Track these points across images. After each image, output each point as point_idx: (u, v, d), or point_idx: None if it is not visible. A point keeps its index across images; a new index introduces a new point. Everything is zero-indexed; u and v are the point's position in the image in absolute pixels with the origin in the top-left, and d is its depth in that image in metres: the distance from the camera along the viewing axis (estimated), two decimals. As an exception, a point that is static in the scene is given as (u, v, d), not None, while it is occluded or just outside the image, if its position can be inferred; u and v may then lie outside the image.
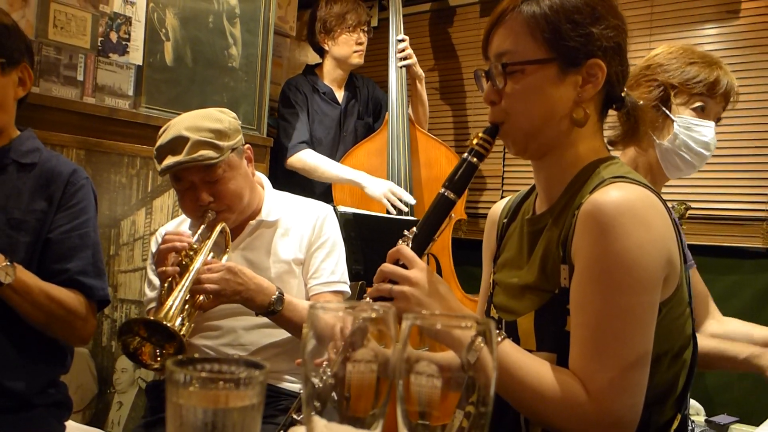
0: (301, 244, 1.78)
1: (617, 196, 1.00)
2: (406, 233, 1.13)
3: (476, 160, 1.12)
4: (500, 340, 1.03)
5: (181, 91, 2.54)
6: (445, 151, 3.16)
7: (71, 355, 1.66)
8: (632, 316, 0.98)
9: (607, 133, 1.26)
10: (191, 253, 1.57)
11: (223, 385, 0.55)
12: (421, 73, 3.19)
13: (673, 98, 1.66)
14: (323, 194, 3.00)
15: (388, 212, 2.87)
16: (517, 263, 1.20)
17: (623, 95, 1.16)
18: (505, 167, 3.55)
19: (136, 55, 2.40)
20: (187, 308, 1.51)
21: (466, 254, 3.05)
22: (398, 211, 2.88)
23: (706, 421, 2.25)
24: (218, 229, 1.66)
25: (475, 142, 1.13)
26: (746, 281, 2.86)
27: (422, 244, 1.11)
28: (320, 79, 3.20)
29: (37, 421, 1.53)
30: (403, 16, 3.27)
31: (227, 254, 1.70)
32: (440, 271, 2.97)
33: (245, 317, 1.71)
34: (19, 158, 1.57)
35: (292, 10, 3.62)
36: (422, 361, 0.63)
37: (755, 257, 2.85)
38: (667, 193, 1.60)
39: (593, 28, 1.08)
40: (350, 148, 3.15)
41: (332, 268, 1.79)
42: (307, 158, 2.97)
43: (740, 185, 2.88)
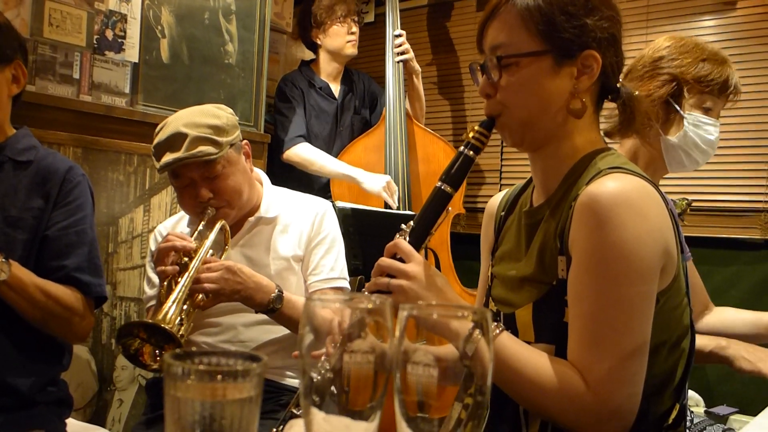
0: (300, 240, 1.78)
1: (614, 186, 1.00)
2: (403, 227, 1.13)
3: (472, 153, 1.13)
4: (498, 332, 1.04)
5: (177, 88, 2.53)
6: (443, 145, 3.16)
7: (70, 353, 1.66)
8: (630, 306, 0.98)
9: (602, 126, 1.25)
10: (191, 252, 1.57)
11: (220, 377, 0.55)
12: (417, 68, 3.19)
13: (686, 94, 1.61)
14: (321, 190, 2.99)
15: (386, 207, 2.87)
16: (515, 256, 1.20)
17: (619, 86, 1.16)
18: (503, 161, 3.55)
19: (132, 52, 2.39)
20: (185, 308, 1.50)
21: (464, 249, 3.05)
22: (398, 205, 2.88)
23: (705, 412, 2.25)
24: (218, 226, 1.66)
25: (471, 135, 1.13)
26: (744, 272, 2.86)
27: (419, 237, 1.12)
28: (316, 74, 3.19)
29: (38, 419, 1.53)
30: (400, 11, 3.26)
31: (227, 251, 1.70)
32: (439, 265, 2.97)
33: (245, 314, 1.71)
34: (15, 156, 1.57)
35: (288, 6, 3.61)
36: (419, 351, 0.63)
37: (753, 248, 2.85)
38: (664, 185, 1.59)
39: (587, 19, 1.07)
40: (347, 142, 3.15)
41: (332, 264, 1.79)
42: (303, 152, 2.96)
43: (738, 177, 2.89)
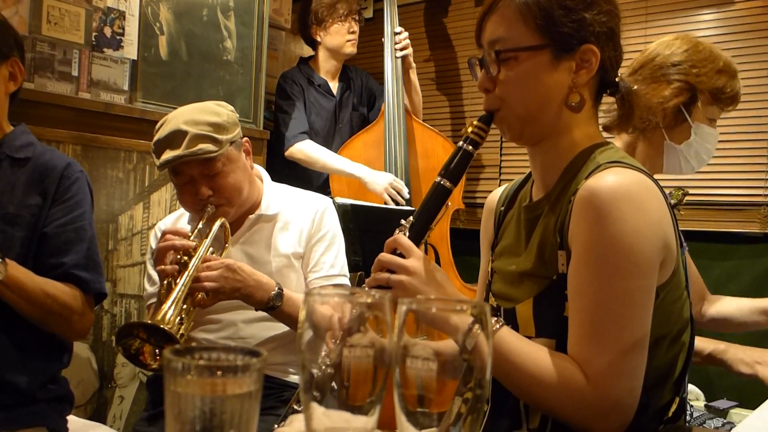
0: (300, 237, 1.78)
1: (613, 180, 1.00)
2: (402, 222, 1.13)
3: (471, 148, 1.13)
4: (498, 327, 1.04)
5: (176, 85, 2.53)
6: (441, 141, 3.16)
7: (70, 350, 1.66)
8: (630, 300, 0.98)
9: (601, 120, 1.25)
10: (190, 250, 1.56)
11: (220, 373, 0.55)
12: (413, 63, 3.21)
13: (699, 105, 1.61)
14: (321, 187, 3.00)
15: (386, 204, 2.88)
16: (515, 251, 1.20)
17: (617, 80, 1.16)
18: (502, 156, 3.54)
19: (130, 49, 2.39)
20: (185, 307, 1.50)
21: (464, 244, 3.05)
22: (397, 204, 2.88)
23: (705, 406, 2.26)
24: (217, 224, 1.65)
25: (470, 130, 1.13)
26: (744, 266, 2.86)
27: (419, 233, 1.12)
28: (315, 71, 3.19)
29: (39, 416, 1.54)
30: (398, 7, 3.26)
31: (227, 249, 1.70)
32: (439, 261, 2.97)
33: (245, 311, 1.71)
34: (12, 153, 1.57)
35: (286, 2, 3.61)
36: (418, 345, 0.63)
37: (752, 242, 2.85)
38: (663, 179, 1.59)
39: (586, 13, 1.07)
40: (346, 139, 3.15)
41: (332, 261, 1.79)
42: (308, 149, 2.97)
43: (737, 171, 2.88)
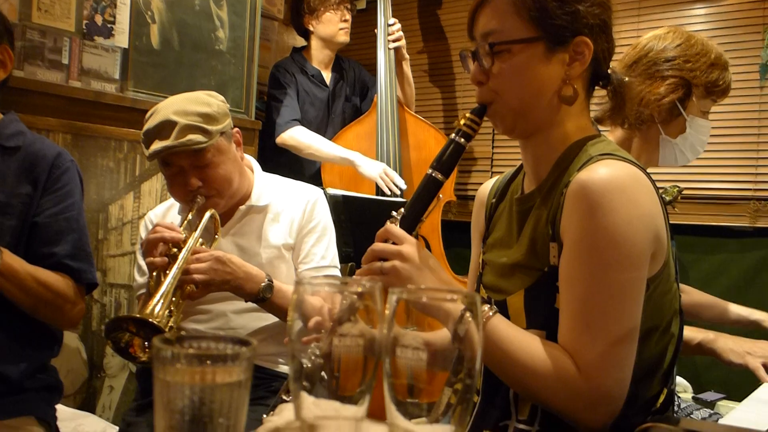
0: (291, 228, 1.77)
1: (605, 173, 1.00)
2: (394, 214, 1.13)
3: (463, 140, 1.13)
4: (491, 314, 1.04)
5: (168, 74, 2.52)
6: (434, 133, 3.16)
7: (60, 339, 1.65)
8: (621, 291, 0.99)
9: (592, 113, 1.26)
10: (180, 242, 1.55)
11: (209, 362, 0.55)
12: (406, 55, 3.20)
13: (694, 99, 1.64)
14: (312, 177, 2.99)
15: (378, 194, 2.87)
16: (506, 243, 1.21)
17: (609, 72, 1.16)
18: (494, 149, 3.55)
19: (121, 38, 2.37)
20: (175, 299, 1.50)
21: (455, 236, 3.06)
22: (390, 193, 2.88)
23: (693, 398, 2.28)
24: (207, 215, 1.65)
25: (462, 122, 1.13)
26: (733, 260, 2.88)
27: (410, 224, 1.12)
28: (308, 61, 3.18)
29: (27, 404, 1.54)
30: (391, -2, 3.25)
31: (217, 241, 1.69)
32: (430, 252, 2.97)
33: (235, 301, 1.71)
34: (2, 142, 1.56)
35: (279, -8, 3.59)
36: (408, 334, 0.63)
37: (742, 236, 2.87)
38: (654, 172, 1.60)
39: (579, 5, 1.07)
40: (339, 129, 3.14)
41: (323, 252, 1.78)
42: (299, 135, 2.95)
43: (727, 165, 2.90)
